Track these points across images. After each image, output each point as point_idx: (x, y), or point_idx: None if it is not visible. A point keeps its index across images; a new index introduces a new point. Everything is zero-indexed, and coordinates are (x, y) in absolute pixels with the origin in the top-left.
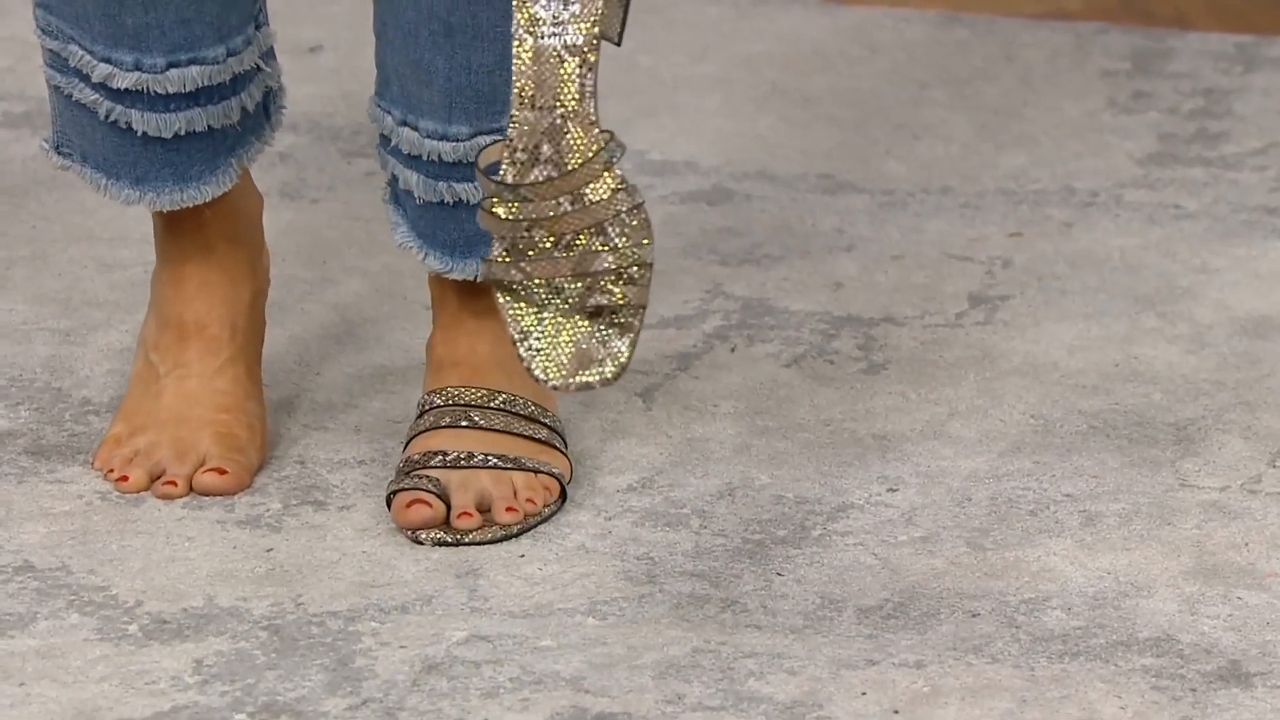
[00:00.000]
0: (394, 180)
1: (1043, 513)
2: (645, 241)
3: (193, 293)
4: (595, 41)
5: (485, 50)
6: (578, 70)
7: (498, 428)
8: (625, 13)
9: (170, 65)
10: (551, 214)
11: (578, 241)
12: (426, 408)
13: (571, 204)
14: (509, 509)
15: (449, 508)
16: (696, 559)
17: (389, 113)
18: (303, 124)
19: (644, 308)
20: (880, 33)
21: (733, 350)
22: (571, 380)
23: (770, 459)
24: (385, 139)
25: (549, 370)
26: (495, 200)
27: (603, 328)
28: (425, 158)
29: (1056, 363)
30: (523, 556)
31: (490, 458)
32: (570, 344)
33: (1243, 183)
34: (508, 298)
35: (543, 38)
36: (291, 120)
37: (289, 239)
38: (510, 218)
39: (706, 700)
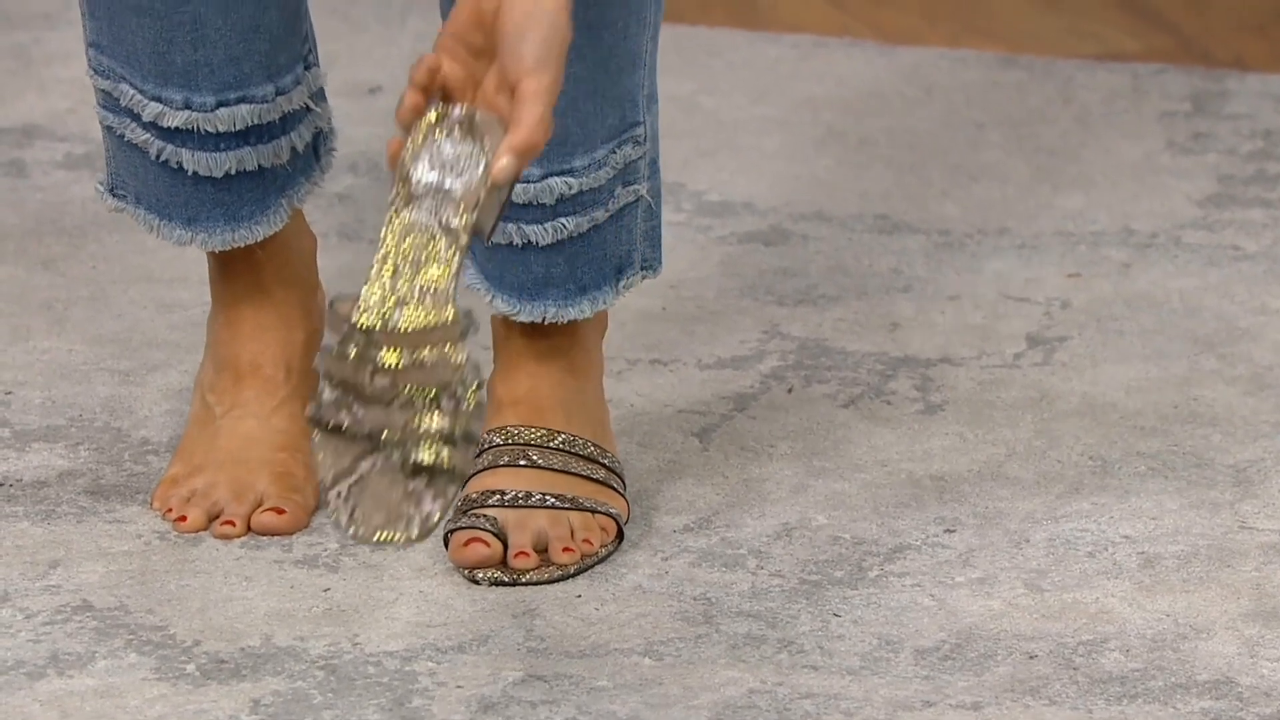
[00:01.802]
0: None
1: (1101, 554)
2: (476, 423)
3: (247, 335)
4: (468, 229)
5: None
6: (445, 250)
7: (556, 467)
8: (500, 212)
9: (220, 104)
10: (396, 365)
11: (414, 397)
12: (485, 446)
13: (415, 363)
14: (566, 549)
15: (506, 547)
16: (753, 599)
17: None
18: (362, 165)
19: (464, 478)
20: (937, 74)
21: (789, 391)
22: (374, 535)
23: (827, 499)
24: None
25: (355, 522)
26: (345, 340)
27: (419, 487)
28: None
29: (1115, 404)
30: (579, 596)
31: (548, 497)
32: (382, 498)
33: None
34: (329, 440)
35: (417, 212)
36: (350, 161)
37: (348, 280)
38: (354, 359)
39: None
